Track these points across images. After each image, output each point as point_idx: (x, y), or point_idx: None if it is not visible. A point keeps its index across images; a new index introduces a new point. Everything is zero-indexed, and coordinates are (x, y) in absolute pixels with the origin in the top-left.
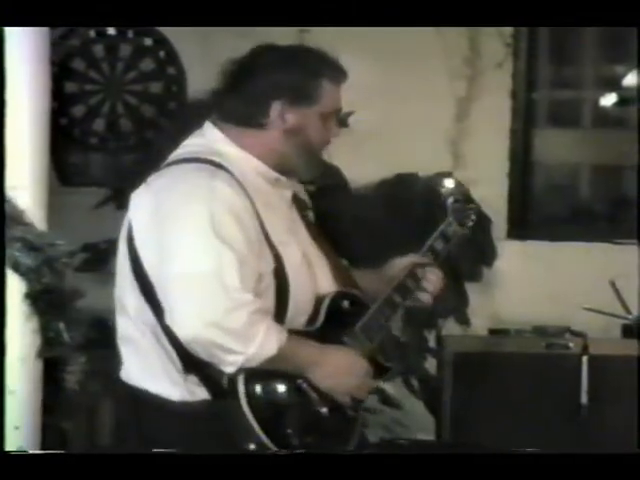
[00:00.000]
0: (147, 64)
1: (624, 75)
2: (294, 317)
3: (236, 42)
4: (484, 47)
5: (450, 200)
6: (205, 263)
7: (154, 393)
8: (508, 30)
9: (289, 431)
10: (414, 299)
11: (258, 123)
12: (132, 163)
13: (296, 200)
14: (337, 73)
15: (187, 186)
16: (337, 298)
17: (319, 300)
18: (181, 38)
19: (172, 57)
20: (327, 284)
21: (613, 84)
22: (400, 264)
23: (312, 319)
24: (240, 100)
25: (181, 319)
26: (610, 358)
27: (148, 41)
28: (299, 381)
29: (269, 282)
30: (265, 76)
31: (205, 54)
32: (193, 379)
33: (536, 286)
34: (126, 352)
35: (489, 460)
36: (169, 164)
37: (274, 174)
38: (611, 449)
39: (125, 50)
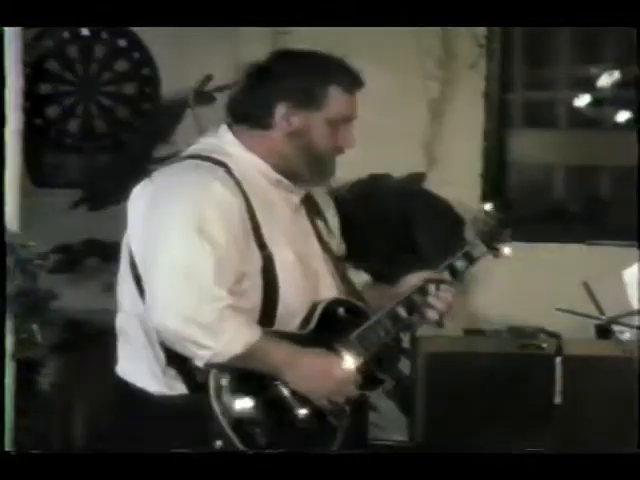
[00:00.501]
0: (121, 65)
1: (598, 76)
2: (285, 319)
3: (210, 43)
4: (457, 48)
5: (481, 223)
6: (183, 256)
7: (139, 387)
8: (481, 31)
9: (257, 431)
10: (421, 315)
11: (264, 124)
12: (106, 164)
13: (308, 205)
14: (350, 81)
15: (180, 182)
16: (333, 304)
17: (316, 305)
18: (155, 39)
19: (146, 58)
20: (330, 292)
21: (587, 85)
22: (413, 279)
23: (305, 323)
24: (249, 101)
25: (155, 310)
26: (584, 358)
27: (122, 42)
28: (275, 382)
29: (256, 282)
30: (274, 78)
31: (179, 55)
32: (172, 373)
33: (510, 287)
34: (121, 347)
35: (466, 460)
36: (173, 161)
37: (276, 175)
38: (585, 449)
39: (99, 51)
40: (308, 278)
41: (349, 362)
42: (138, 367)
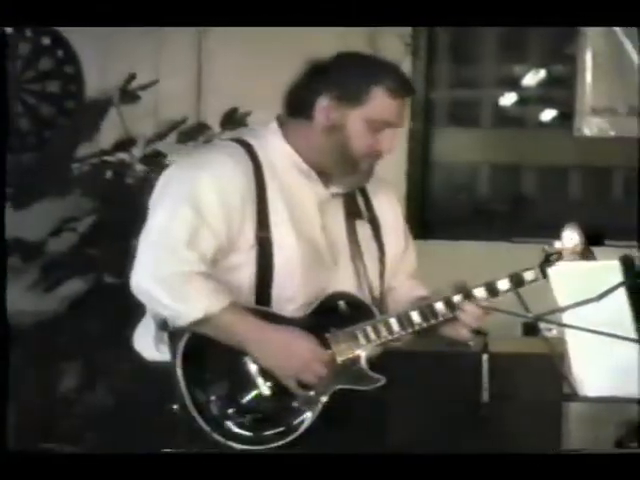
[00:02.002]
0: (45, 63)
1: (523, 75)
2: (281, 303)
3: (133, 42)
4: (383, 46)
5: (553, 252)
6: (164, 219)
7: (137, 350)
8: (407, 29)
9: (212, 398)
10: (450, 326)
11: (305, 115)
12: (30, 162)
13: (348, 204)
14: (397, 87)
15: (193, 155)
16: (335, 297)
17: (319, 296)
18: (79, 37)
19: (70, 56)
20: (346, 288)
21: (512, 84)
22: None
23: (305, 310)
24: (297, 92)
25: (133, 269)
26: (510, 356)
27: (46, 40)
28: (243, 356)
29: (248, 260)
30: (323, 72)
31: (103, 54)
32: (163, 337)
33: (436, 285)
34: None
35: (393, 461)
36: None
37: (305, 167)
38: (512, 448)
39: (23, 49)
40: (316, 270)
41: (316, 344)
42: (145, 331)
